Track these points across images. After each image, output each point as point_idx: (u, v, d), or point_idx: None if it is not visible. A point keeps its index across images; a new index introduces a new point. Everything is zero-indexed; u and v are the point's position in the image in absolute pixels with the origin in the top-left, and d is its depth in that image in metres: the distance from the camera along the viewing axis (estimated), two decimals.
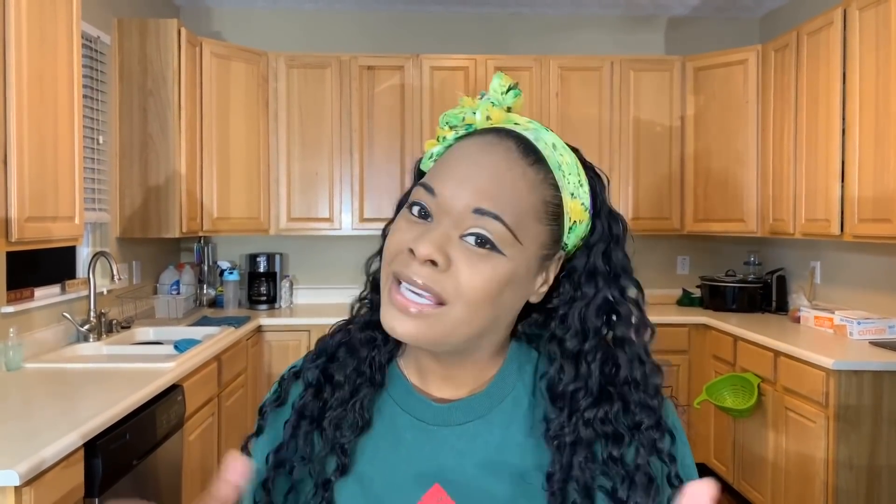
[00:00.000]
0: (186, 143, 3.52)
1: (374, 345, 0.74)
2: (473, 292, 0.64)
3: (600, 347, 0.69)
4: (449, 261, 0.63)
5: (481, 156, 0.67)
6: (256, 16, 4.35)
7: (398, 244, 0.66)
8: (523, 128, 0.70)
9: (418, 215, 0.66)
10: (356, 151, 4.09)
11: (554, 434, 0.67)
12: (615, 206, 0.77)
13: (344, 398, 0.72)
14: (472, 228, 0.64)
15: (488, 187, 0.65)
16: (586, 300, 0.70)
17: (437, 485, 0.68)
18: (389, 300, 0.65)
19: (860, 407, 2.68)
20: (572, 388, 0.68)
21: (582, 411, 0.67)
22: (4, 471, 1.48)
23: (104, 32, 3.29)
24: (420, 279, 0.63)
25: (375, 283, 0.75)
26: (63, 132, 2.24)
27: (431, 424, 0.71)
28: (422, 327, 0.64)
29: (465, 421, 0.70)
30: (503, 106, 0.71)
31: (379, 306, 0.69)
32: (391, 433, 0.71)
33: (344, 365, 0.74)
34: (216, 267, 4.23)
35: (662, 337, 3.89)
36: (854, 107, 2.99)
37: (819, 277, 3.80)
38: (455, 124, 0.71)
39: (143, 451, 2.16)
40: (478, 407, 0.71)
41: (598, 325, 0.70)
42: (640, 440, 0.67)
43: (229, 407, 3.18)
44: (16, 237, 1.97)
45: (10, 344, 2.42)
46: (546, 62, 4.11)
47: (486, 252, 0.64)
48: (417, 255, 0.63)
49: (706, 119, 4.08)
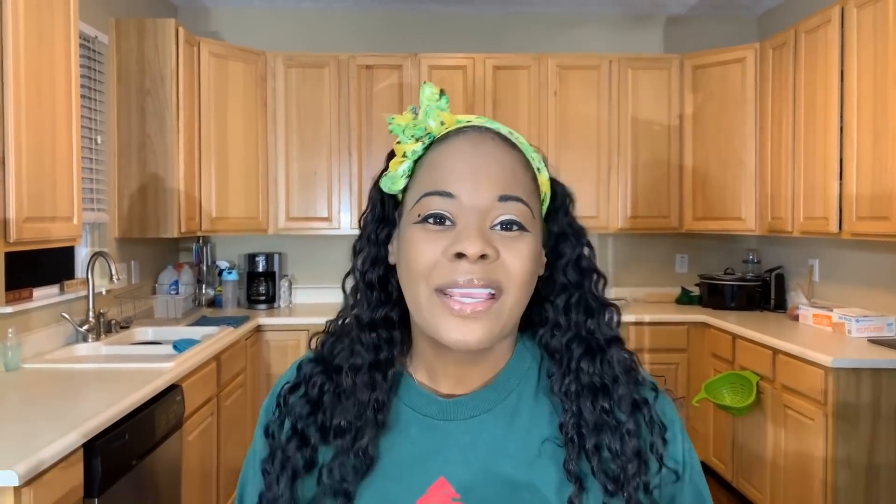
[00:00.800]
0: (185, 142, 3.52)
1: (374, 387, 0.73)
2: (521, 274, 0.68)
3: (582, 300, 0.75)
4: (497, 251, 0.67)
5: (478, 148, 0.70)
6: (254, 15, 4.35)
7: (432, 254, 0.67)
8: (482, 122, 0.74)
9: (436, 223, 0.68)
10: (354, 151, 4.09)
11: (560, 385, 0.72)
12: (614, 205, 0.81)
13: (346, 446, 0.71)
14: (501, 216, 0.68)
15: (500, 175, 0.69)
16: (565, 258, 0.76)
17: (441, 478, 0.70)
18: (448, 313, 0.66)
19: (859, 405, 2.69)
20: (566, 338, 0.74)
21: (577, 360, 0.73)
22: (4, 471, 1.48)
23: (102, 32, 3.28)
24: (478, 276, 0.65)
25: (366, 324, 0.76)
26: (61, 132, 2.24)
27: (437, 419, 0.73)
28: (486, 326, 0.66)
29: (471, 416, 0.72)
30: (444, 110, 0.74)
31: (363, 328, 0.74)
32: (397, 429, 0.73)
33: (344, 410, 0.73)
34: (215, 267, 4.23)
35: (661, 335, 3.89)
36: (852, 104, 3.00)
37: (817, 275, 3.80)
38: (418, 135, 0.73)
39: (142, 452, 2.16)
40: (484, 401, 0.73)
41: (580, 280, 0.76)
42: (619, 396, 0.72)
43: (228, 407, 3.18)
44: (14, 237, 1.97)
45: (8, 344, 2.42)
46: (544, 60, 4.11)
47: (517, 233, 0.68)
48: (470, 254, 0.65)
49: (704, 117, 4.08)
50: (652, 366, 3.88)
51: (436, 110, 0.73)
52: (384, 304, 0.76)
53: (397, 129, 0.74)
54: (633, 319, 3.88)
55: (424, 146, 0.74)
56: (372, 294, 0.76)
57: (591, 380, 0.72)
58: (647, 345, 3.88)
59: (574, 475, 0.68)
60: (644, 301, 4.41)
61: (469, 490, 0.69)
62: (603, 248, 4.51)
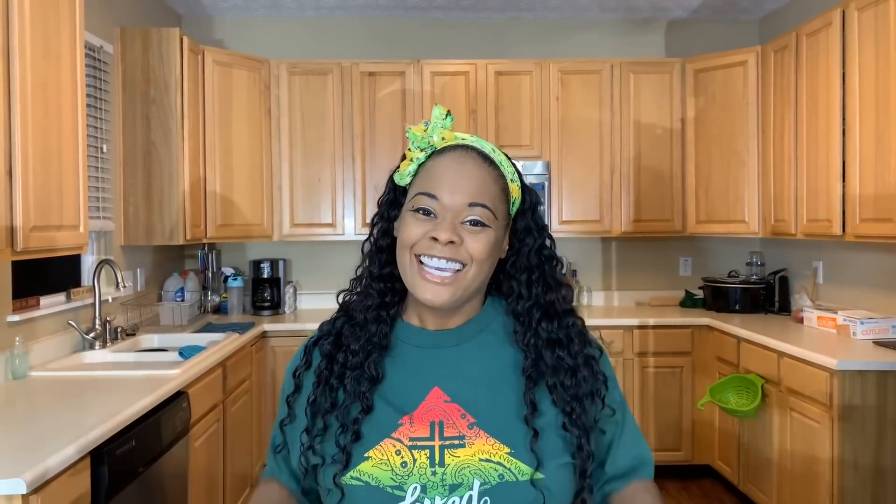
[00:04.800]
0: (189, 150, 3.54)
1: (380, 321, 0.99)
2: (480, 254, 0.93)
3: (541, 278, 0.99)
4: (461, 238, 0.93)
5: (459, 166, 0.95)
6: (257, 24, 4.38)
7: (417, 233, 0.93)
8: (471, 141, 0.99)
9: (424, 214, 0.94)
10: (358, 157, 4.11)
11: (523, 339, 0.97)
12: (617, 209, 0.97)
13: (360, 362, 0.96)
14: (470, 216, 0.94)
15: (472, 187, 0.94)
16: (529, 247, 1.00)
17: (436, 388, 0.95)
18: (421, 277, 0.93)
19: (864, 407, 2.68)
20: (527, 304, 0.98)
21: (538, 321, 0.97)
22: (11, 479, 1.49)
23: (107, 42, 3.31)
24: (447, 255, 0.92)
25: (378, 275, 1.02)
26: (67, 141, 2.25)
27: (429, 347, 0.98)
28: (451, 290, 0.93)
29: (457, 343, 0.98)
30: (447, 128, 0.99)
31: (382, 282, 1.00)
32: (397, 357, 0.98)
33: (357, 337, 0.99)
34: (220, 273, 4.24)
35: (665, 339, 3.89)
36: (854, 106, 3.00)
37: (821, 277, 3.80)
38: (423, 146, 0.98)
39: (149, 458, 2.17)
40: (466, 332, 0.99)
41: (539, 262, 1.00)
42: (575, 351, 0.97)
43: (234, 413, 3.19)
44: (21, 246, 1.98)
45: (15, 352, 2.43)
46: (546, 66, 4.12)
47: (480, 229, 0.94)
48: (441, 239, 0.91)
49: (706, 121, 4.08)
50: (656, 369, 3.88)
51: (440, 128, 0.98)
52: (390, 263, 1.00)
53: (412, 137, 0.98)
54: (637, 323, 3.88)
55: (427, 155, 0.99)
56: (381, 255, 1.01)
57: (549, 335, 0.97)
58: (652, 348, 3.88)
59: (530, 401, 0.92)
60: (648, 304, 4.41)
61: (457, 395, 0.94)
62: (606, 252, 4.51)
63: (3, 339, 2.45)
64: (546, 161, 4.09)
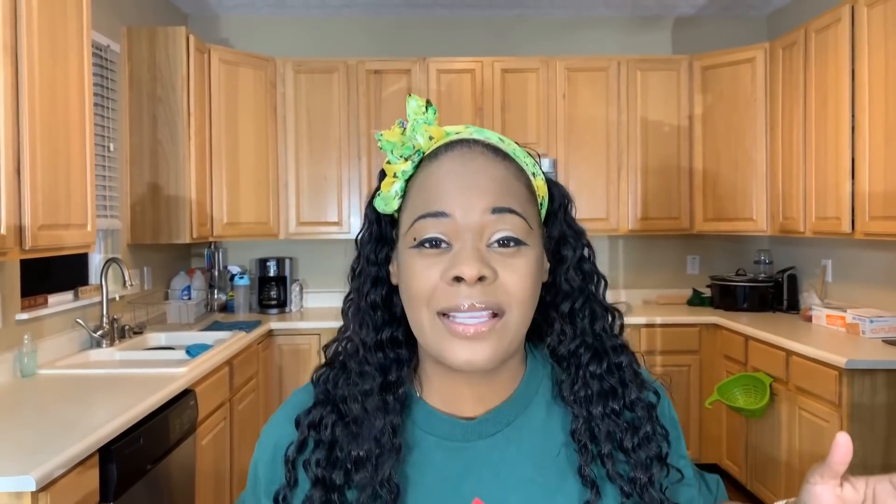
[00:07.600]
0: (196, 149, 3.55)
1: (387, 411, 0.70)
2: (522, 291, 0.66)
3: (587, 304, 0.74)
4: (495, 271, 0.65)
5: (468, 166, 0.68)
6: (263, 22, 4.38)
7: (432, 280, 0.66)
8: (470, 133, 0.72)
9: (432, 247, 0.67)
10: (364, 155, 4.11)
11: (569, 393, 0.72)
12: (624, 206, 0.79)
13: (369, 478, 0.68)
14: (496, 233, 0.66)
15: (491, 188, 0.67)
16: (567, 263, 0.74)
17: (476, 499, 0.69)
18: (451, 335, 0.65)
19: (874, 406, 2.66)
20: (574, 345, 0.73)
21: (586, 366, 0.72)
22: (21, 476, 1.50)
23: (114, 41, 3.31)
24: (478, 299, 0.64)
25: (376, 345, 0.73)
26: (74, 140, 2.26)
27: (462, 442, 0.71)
28: (492, 344, 0.65)
29: (496, 431, 0.71)
30: (432, 123, 0.71)
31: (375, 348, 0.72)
32: (419, 456, 0.71)
33: (358, 441, 0.69)
34: (226, 272, 4.25)
35: (673, 337, 3.88)
36: (863, 103, 2.98)
37: (830, 276, 3.78)
38: (407, 154, 0.71)
39: (156, 456, 2.18)
40: (505, 416, 0.72)
41: (583, 284, 0.75)
42: (630, 401, 0.73)
43: (241, 411, 3.20)
44: (29, 245, 1.99)
45: (24, 350, 2.45)
46: (553, 63, 4.11)
47: (514, 249, 0.66)
48: (468, 277, 0.63)
49: (714, 118, 4.06)
50: (664, 368, 3.87)
51: (423, 125, 0.71)
52: (389, 325, 0.74)
53: (387, 147, 0.71)
54: (644, 321, 3.86)
55: (415, 165, 0.71)
56: (376, 315, 0.73)
57: (601, 385, 0.72)
58: (659, 347, 3.87)
59: (589, 480, 0.68)
60: (655, 303, 4.39)
61: None
62: (613, 251, 4.50)
63: (12, 337, 2.46)
64: (553, 159, 4.08)
